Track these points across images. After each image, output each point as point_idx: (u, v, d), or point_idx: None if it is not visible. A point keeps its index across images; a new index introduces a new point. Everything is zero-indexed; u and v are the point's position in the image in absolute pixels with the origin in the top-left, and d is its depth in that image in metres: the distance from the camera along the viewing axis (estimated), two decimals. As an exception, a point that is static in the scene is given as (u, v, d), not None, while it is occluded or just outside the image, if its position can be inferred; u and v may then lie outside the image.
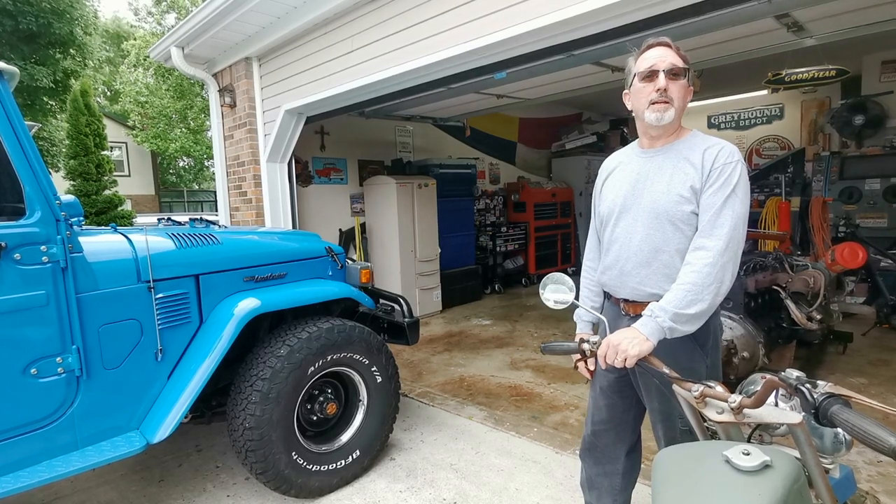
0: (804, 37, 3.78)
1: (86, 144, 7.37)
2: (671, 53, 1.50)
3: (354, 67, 3.90)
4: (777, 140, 8.35)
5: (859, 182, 6.07)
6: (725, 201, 1.44)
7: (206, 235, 2.55)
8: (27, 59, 9.06)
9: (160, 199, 21.92)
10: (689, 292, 1.41)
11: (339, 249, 3.12)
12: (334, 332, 2.63)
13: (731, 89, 7.57)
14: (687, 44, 3.80)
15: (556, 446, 3.05)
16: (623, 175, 1.66)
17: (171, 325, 2.34)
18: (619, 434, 1.79)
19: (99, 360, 2.12)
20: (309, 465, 2.55)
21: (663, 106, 1.49)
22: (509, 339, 5.46)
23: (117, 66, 21.02)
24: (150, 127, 17.75)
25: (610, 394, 1.76)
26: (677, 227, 1.50)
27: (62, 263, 2.00)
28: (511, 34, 2.91)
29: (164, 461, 3.12)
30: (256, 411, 2.37)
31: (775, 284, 3.63)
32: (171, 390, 2.29)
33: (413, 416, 3.58)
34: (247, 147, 5.12)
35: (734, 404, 1.22)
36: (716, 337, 1.62)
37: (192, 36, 4.72)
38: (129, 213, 8.10)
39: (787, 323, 3.66)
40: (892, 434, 0.85)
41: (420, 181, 6.38)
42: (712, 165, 1.46)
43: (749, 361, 3.31)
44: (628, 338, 1.39)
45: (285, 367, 2.44)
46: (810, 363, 4.12)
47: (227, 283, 2.55)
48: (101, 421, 2.15)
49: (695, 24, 2.96)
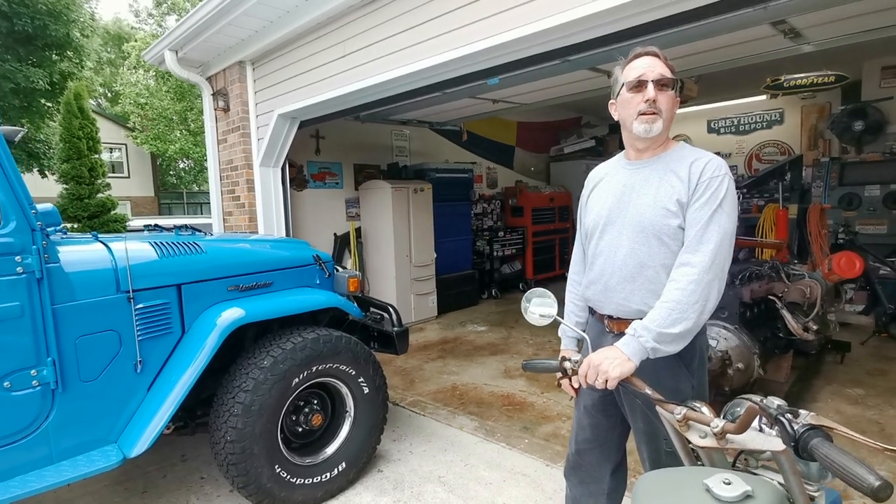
0: (801, 43, 3.74)
1: (79, 148, 7.33)
2: (659, 63, 1.46)
3: (346, 72, 3.86)
4: (777, 145, 8.30)
5: (859, 188, 6.02)
6: (712, 216, 1.39)
7: (190, 244, 2.51)
8: (23, 60, 9.05)
9: (159, 201, 21.91)
10: (672, 310, 1.36)
11: (328, 258, 3.08)
12: (320, 343, 2.59)
13: (731, 94, 7.54)
14: (683, 49, 3.78)
15: (546, 459, 3.00)
16: (609, 187, 1.61)
17: (152, 335, 2.30)
18: (604, 453, 1.74)
19: (75, 373, 2.08)
20: (292, 478, 2.51)
21: (652, 117, 1.45)
22: (504, 345, 5.41)
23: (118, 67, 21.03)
24: (149, 129, 17.74)
25: (594, 413, 1.71)
26: (663, 241, 1.46)
27: (38, 274, 1.96)
28: (502, 40, 2.87)
29: (148, 472, 3.07)
30: (238, 424, 2.32)
31: (771, 294, 3.58)
32: (151, 402, 2.24)
33: (403, 426, 3.53)
34: (240, 151, 5.08)
35: (717, 429, 1.18)
36: (702, 356, 1.57)
37: (185, 39, 4.68)
38: (121, 217, 8.06)
39: (783, 333, 3.61)
40: (872, 472, 0.80)
41: (416, 185, 6.34)
42: (699, 179, 1.42)
43: (744, 373, 3.26)
44: (609, 358, 1.34)
45: (269, 379, 2.40)
46: (808, 373, 4.07)
47: (211, 293, 2.51)
48: (78, 435, 2.11)
49: (689, 30, 2.92)
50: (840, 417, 3.41)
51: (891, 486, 0.81)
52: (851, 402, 3.62)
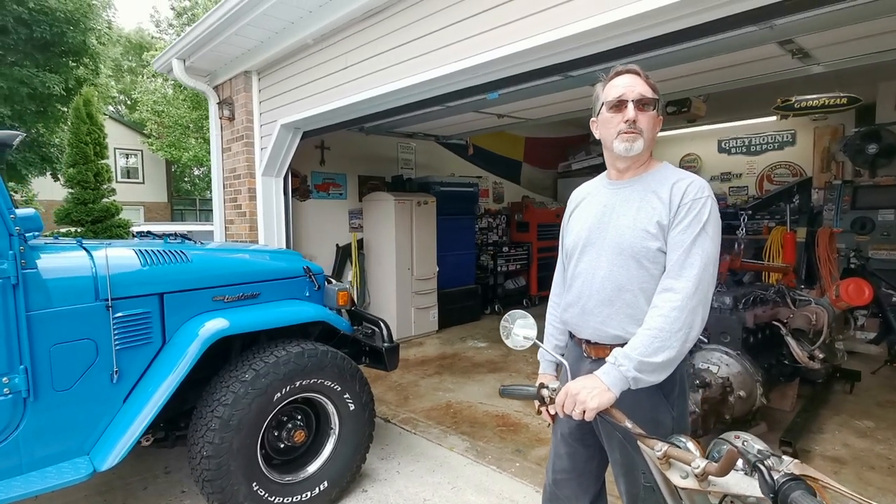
0: (810, 64, 3.65)
1: (85, 153, 7.41)
2: (640, 82, 1.42)
3: (348, 84, 3.85)
4: (789, 167, 8.16)
5: (872, 212, 5.86)
6: (695, 240, 1.33)
7: (175, 252, 2.48)
8: (41, 66, 9.24)
9: (173, 207, 22.17)
10: (655, 338, 1.29)
11: (318, 269, 3.03)
12: (304, 357, 2.53)
13: (741, 114, 7.43)
14: (689, 68, 3.71)
15: (537, 484, 2.89)
16: (590, 207, 1.57)
17: (130, 345, 2.25)
18: (581, 485, 1.65)
19: (48, 382, 2.04)
20: (271, 496, 2.43)
21: (632, 136, 1.41)
22: (503, 363, 5.31)
23: (138, 75, 21.44)
24: (165, 136, 17.99)
25: (571, 441, 1.64)
26: (642, 264, 1.40)
27: (13, 280, 1.93)
28: (501, 54, 2.83)
29: (129, 483, 3.01)
30: (215, 439, 2.26)
31: (776, 320, 3.46)
32: (126, 414, 2.19)
33: (393, 444, 3.44)
34: (243, 160, 5.09)
35: (698, 470, 1.10)
36: (682, 386, 1.49)
37: (192, 48, 4.73)
38: (125, 223, 8.11)
39: (788, 361, 3.48)
40: (855, 537, 0.72)
41: (420, 198, 6.30)
42: (681, 201, 1.36)
43: (746, 401, 3.14)
44: (588, 388, 1.27)
45: (249, 393, 2.34)
46: (814, 403, 3.91)
47: (195, 303, 2.46)
48: (49, 445, 2.06)
49: (693, 48, 2.86)
50: (848, 451, 3.26)
51: (875, 549, 0.72)
52: (860, 435, 3.47)
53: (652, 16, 2.33)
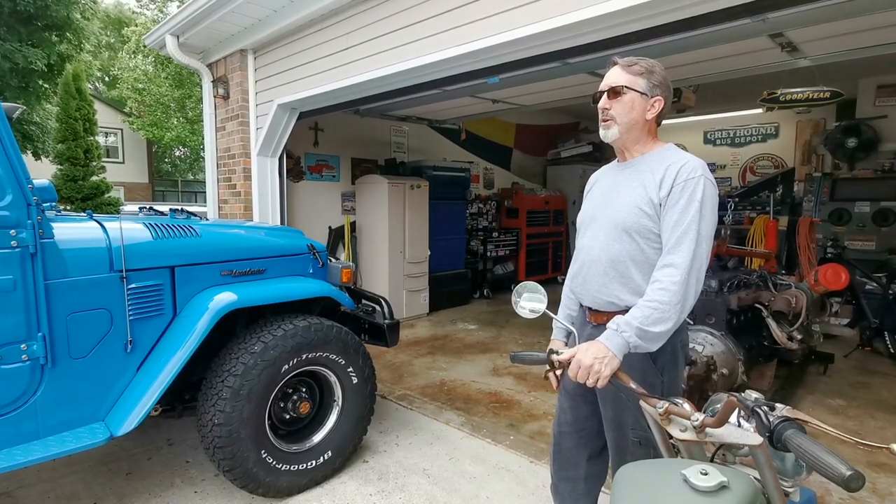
0: (798, 57, 3.79)
1: (75, 129, 7.28)
2: (616, 72, 1.56)
3: (348, 65, 3.88)
4: (771, 159, 8.40)
5: (849, 204, 6.10)
6: (690, 218, 1.44)
7: (185, 227, 2.52)
8: (23, 40, 8.95)
9: (154, 188, 21.77)
10: (655, 310, 1.41)
11: (322, 247, 3.09)
12: (310, 331, 2.60)
13: (728, 106, 7.60)
14: (682, 58, 3.82)
15: (531, 455, 3.03)
16: (600, 187, 1.72)
17: (143, 316, 2.30)
18: (582, 439, 1.78)
19: (65, 349, 2.08)
20: (278, 464, 2.52)
21: (605, 123, 1.58)
22: (494, 344, 5.44)
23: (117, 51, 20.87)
24: (146, 114, 17.61)
25: (574, 396, 1.78)
26: (633, 238, 1.53)
27: (31, 249, 1.96)
28: (504, 39, 2.90)
29: (133, 454, 3.07)
30: (226, 408, 2.33)
31: (758, 302, 3.63)
32: (140, 383, 2.25)
33: (390, 419, 3.55)
34: (238, 140, 5.08)
35: (696, 423, 1.22)
36: (674, 354, 1.61)
37: (187, 25, 4.68)
38: (115, 201, 8.02)
39: (767, 342, 3.66)
40: (843, 462, 0.84)
41: (413, 182, 6.36)
42: (674, 181, 1.47)
43: (728, 378, 3.31)
44: (599, 358, 1.38)
45: (258, 364, 2.41)
46: (790, 382, 4.13)
47: (204, 276, 2.51)
48: (66, 411, 2.11)
49: (687, 39, 2.96)
50: (820, 426, 3.46)
51: (862, 476, 0.84)
52: (832, 412, 3.68)
53: (653, 5, 2.42)
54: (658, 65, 1.59)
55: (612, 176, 1.67)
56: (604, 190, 1.67)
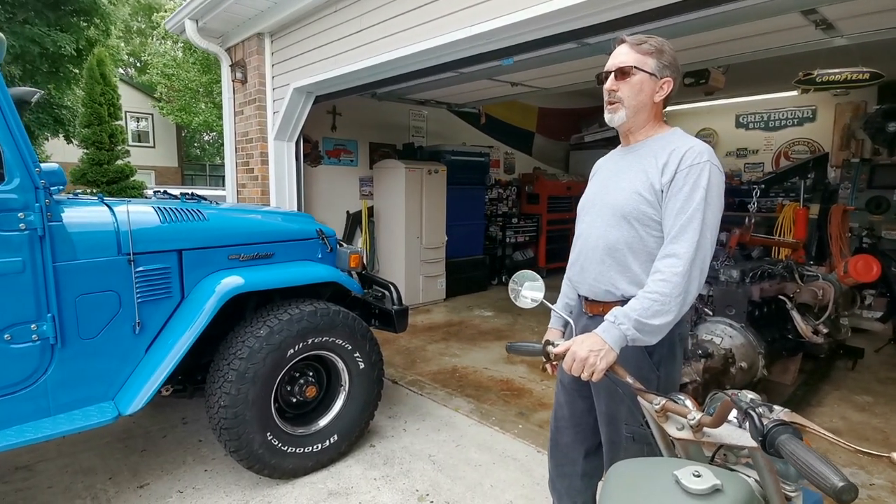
0: (834, 35, 3.57)
1: (100, 114, 7.46)
2: (623, 50, 1.46)
3: (362, 47, 3.83)
4: (807, 143, 8.02)
5: (888, 192, 5.78)
6: (695, 206, 1.35)
7: (193, 211, 2.53)
8: (52, 25, 9.16)
9: (183, 172, 22.24)
10: (655, 302, 1.34)
11: (331, 232, 3.08)
12: (317, 316, 2.61)
13: (761, 88, 7.27)
14: (710, 37, 3.64)
15: (538, 445, 3.00)
16: (602, 173, 1.65)
17: (151, 298, 2.34)
18: (579, 434, 1.73)
19: (75, 330, 2.13)
20: (284, 446, 2.55)
21: (612, 106, 1.49)
22: (509, 332, 5.40)
23: (147, 37, 21.22)
24: (175, 99, 17.91)
25: (570, 390, 1.72)
26: (632, 225, 1.46)
27: (40, 231, 2.00)
28: (519, 18, 2.80)
29: (149, 431, 3.16)
30: (232, 390, 2.36)
31: (782, 294, 3.48)
32: (148, 364, 2.29)
33: (400, 404, 3.56)
34: (255, 124, 5.11)
35: (693, 422, 1.16)
36: (671, 349, 1.53)
37: (205, 9, 4.69)
38: (140, 184, 8.21)
39: (792, 335, 3.52)
40: (837, 473, 0.77)
41: (430, 167, 6.30)
42: (677, 167, 1.39)
43: (747, 372, 3.20)
44: (595, 351, 1.32)
45: (264, 348, 2.43)
46: (816, 377, 3.97)
47: (211, 260, 2.53)
48: (75, 390, 2.16)
49: (712, 16, 2.82)
50: (845, 423, 3.33)
51: (855, 488, 0.78)
52: (858, 409, 3.53)
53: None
54: (668, 44, 1.49)
55: (615, 161, 1.60)
56: (605, 175, 1.60)
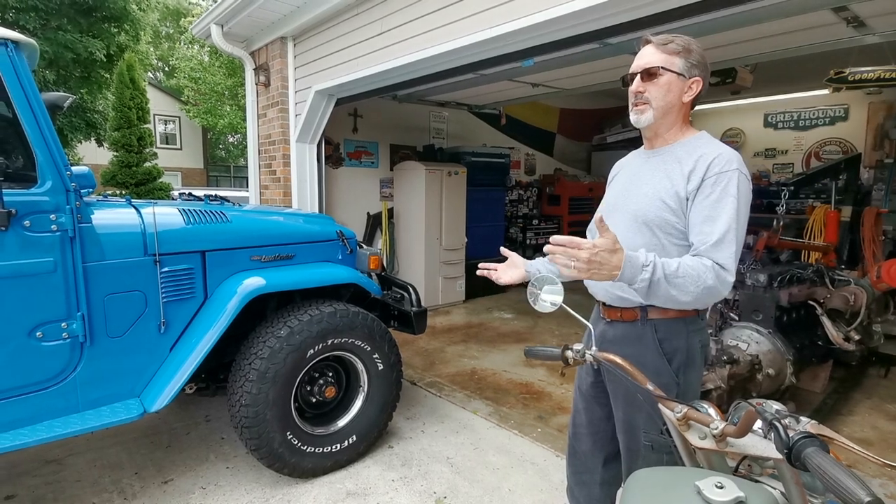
0: (865, 33, 3.46)
1: (129, 117, 7.69)
2: (650, 51, 1.43)
3: (383, 50, 3.85)
4: (839, 143, 7.77)
5: (925, 194, 5.59)
6: (729, 215, 1.30)
7: (216, 213, 2.58)
8: (84, 32, 9.47)
9: (208, 174, 22.71)
10: (686, 275, 1.26)
11: (351, 234, 3.10)
12: (336, 317, 2.63)
13: (791, 86, 7.08)
14: (737, 35, 3.56)
15: (557, 449, 2.97)
16: (622, 177, 1.61)
17: (176, 298, 2.39)
18: (597, 441, 1.70)
19: (103, 329, 2.19)
20: (303, 445, 2.57)
21: (639, 108, 1.45)
22: (529, 334, 5.36)
23: (175, 42, 21.74)
24: (201, 103, 18.31)
25: (588, 397, 1.69)
26: (654, 232, 1.42)
27: (70, 233, 2.06)
28: (540, 19, 2.78)
29: (174, 428, 3.23)
30: (253, 389, 2.39)
31: (811, 299, 3.38)
32: (172, 362, 2.34)
33: (418, 406, 3.56)
34: (278, 126, 5.18)
35: (716, 431, 1.13)
36: (691, 355, 1.48)
37: (230, 14, 4.78)
38: (167, 186, 8.42)
39: (822, 341, 3.41)
40: (864, 488, 0.74)
41: (450, 168, 6.30)
42: (705, 174, 1.34)
43: (774, 379, 3.12)
44: (606, 267, 1.22)
45: (284, 348, 2.46)
46: (847, 385, 3.85)
47: (234, 261, 2.58)
48: (103, 387, 2.22)
49: (741, 14, 2.75)
50: (876, 433, 3.22)
51: (881, 503, 0.75)
52: (890, 418, 3.40)
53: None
54: (695, 42, 1.46)
55: (638, 164, 1.56)
56: (627, 179, 1.56)
